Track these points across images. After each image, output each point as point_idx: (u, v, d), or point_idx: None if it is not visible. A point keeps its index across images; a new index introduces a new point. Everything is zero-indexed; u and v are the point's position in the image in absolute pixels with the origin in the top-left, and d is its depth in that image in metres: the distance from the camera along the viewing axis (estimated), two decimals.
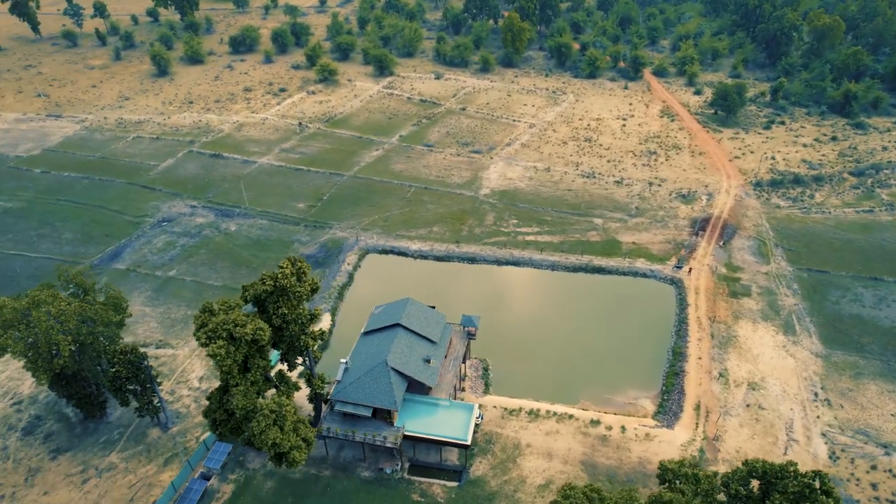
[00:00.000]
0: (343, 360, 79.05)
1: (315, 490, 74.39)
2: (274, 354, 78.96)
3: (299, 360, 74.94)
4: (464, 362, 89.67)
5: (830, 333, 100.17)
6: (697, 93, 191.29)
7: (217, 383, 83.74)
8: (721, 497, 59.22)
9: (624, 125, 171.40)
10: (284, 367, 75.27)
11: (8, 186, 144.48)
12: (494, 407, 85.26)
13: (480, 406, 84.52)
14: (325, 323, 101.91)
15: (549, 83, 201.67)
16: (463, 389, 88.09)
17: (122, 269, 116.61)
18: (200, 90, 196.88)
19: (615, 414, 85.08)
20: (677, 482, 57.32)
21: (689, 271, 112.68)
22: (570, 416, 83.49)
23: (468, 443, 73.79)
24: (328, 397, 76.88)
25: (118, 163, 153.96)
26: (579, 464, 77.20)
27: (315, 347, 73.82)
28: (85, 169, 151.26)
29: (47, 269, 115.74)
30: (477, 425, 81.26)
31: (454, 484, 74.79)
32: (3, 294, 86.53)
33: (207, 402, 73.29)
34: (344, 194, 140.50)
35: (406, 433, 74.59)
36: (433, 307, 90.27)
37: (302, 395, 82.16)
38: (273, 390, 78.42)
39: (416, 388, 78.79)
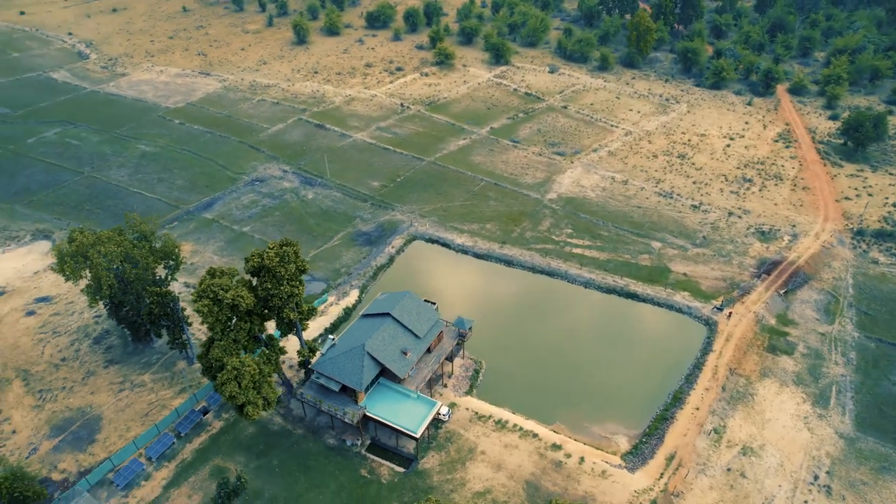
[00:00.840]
0: (331, 337, 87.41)
1: (284, 444, 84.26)
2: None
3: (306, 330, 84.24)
4: (451, 360, 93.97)
5: (871, 416, 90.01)
6: (834, 118, 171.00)
7: None
8: None
9: (728, 145, 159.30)
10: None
11: (151, 133, 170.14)
12: (467, 409, 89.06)
13: (453, 405, 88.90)
14: (351, 298, 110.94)
15: (665, 89, 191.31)
16: (445, 386, 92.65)
17: (209, 219, 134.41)
18: (328, 61, 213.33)
19: (583, 443, 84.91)
20: None
21: (729, 315, 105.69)
22: (535, 435, 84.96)
23: (417, 436, 78.87)
24: (310, 366, 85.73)
25: (238, 122, 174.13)
26: (523, 482, 79.14)
27: (298, 321, 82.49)
28: (211, 124, 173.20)
29: (156, 208, 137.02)
30: (442, 422, 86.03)
31: (402, 470, 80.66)
32: (112, 224, 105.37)
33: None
34: (417, 178, 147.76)
35: (367, 413, 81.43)
36: (433, 303, 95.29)
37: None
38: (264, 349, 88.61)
39: (390, 375, 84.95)
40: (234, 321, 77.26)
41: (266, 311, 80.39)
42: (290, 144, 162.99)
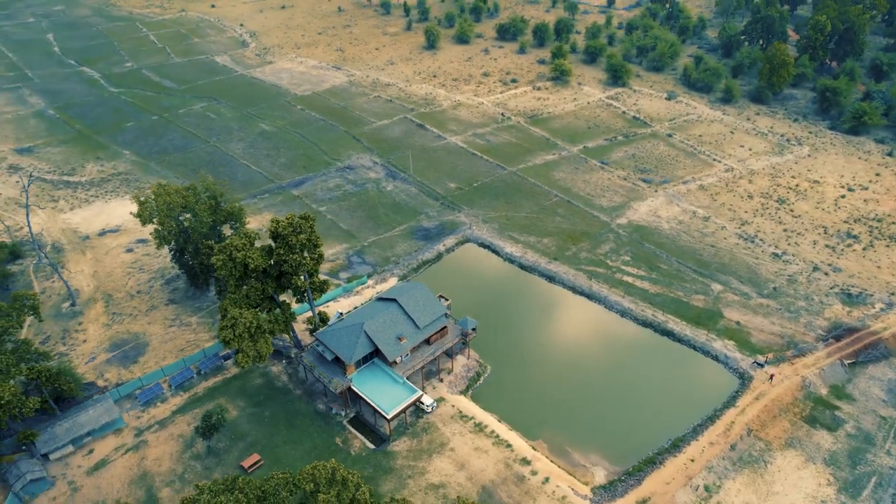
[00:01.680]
0: (340, 311, 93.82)
1: (281, 399, 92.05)
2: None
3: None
4: (450, 356, 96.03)
5: None
6: None
7: None
8: None
9: (843, 196, 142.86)
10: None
11: (274, 114, 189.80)
12: (453, 406, 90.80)
13: (441, 400, 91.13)
14: (388, 285, 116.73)
15: (790, 129, 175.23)
16: (441, 380, 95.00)
17: (295, 195, 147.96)
18: (449, 67, 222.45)
19: (557, 465, 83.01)
20: None
21: (771, 377, 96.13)
22: (508, 445, 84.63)
23: (388, 416, 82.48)
24: (313, 334, 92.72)
25: (350, 114, 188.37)
26: (480, 486, 79.48)
27: (308, 289, 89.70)
28: (326, 113, 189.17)
29: (255, 180, 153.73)
30: (425, 413, 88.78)
31: (372, 447, 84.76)
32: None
33: None
34: (493, 186, 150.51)
35: (351, 387, 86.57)
36: (447, 299, 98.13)
37: None
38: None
39: (384, 357, 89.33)
40: (249, 280, 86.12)
41: (281, 276, 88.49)
42: (387, 139, 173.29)
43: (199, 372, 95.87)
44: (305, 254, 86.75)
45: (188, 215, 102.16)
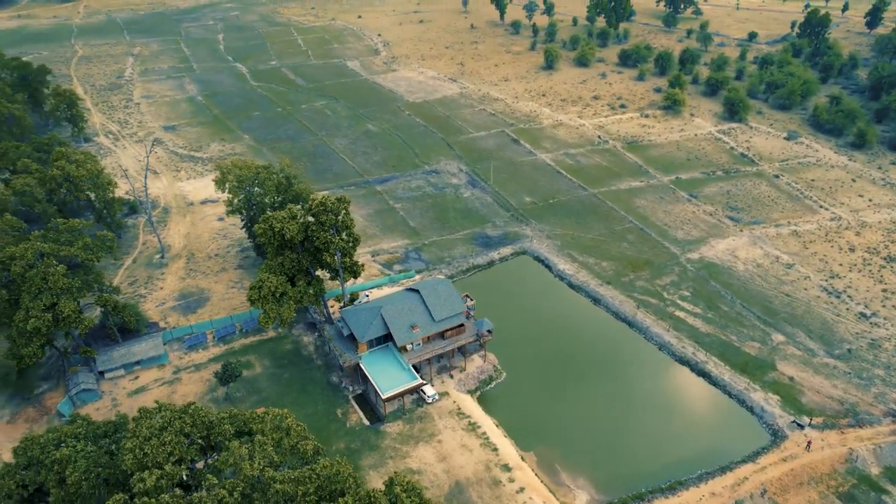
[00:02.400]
0: (367, 293, 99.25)
1: (301, 366, 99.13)
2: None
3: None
4: (463, 355, 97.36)
5: None
6: None
7: None
8: None
9: None
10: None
11: (383, 117, 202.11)
12: (454, 402, 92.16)
13: (445, 394, 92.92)
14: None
15: None
16: (451, 376, 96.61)
17: (377, 191, 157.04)
18: (561, 88, 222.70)
19: (538, 479, 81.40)
20: None
21: (808, 444, 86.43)
22: (495, 449, 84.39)
23: (383, 396, 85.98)
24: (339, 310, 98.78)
25: (451, 123, 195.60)
26: (454, 481, 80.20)
27: (340, 268, 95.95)
28: (430, 120, 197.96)
29: (346, 173, 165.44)
30: (426, 403, 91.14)
31: (366, 423, 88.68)
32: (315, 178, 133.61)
33: None
34: (568, 204, 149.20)
35: (360, 364, 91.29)
36: (471, 299, 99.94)
37: None
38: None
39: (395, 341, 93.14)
40: (286, 251, 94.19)
41: (316, 252, 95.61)
42: (479, 149, 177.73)
43: (242, 330, 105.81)
44: (339, 234, 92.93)
45: (258, 189, 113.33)
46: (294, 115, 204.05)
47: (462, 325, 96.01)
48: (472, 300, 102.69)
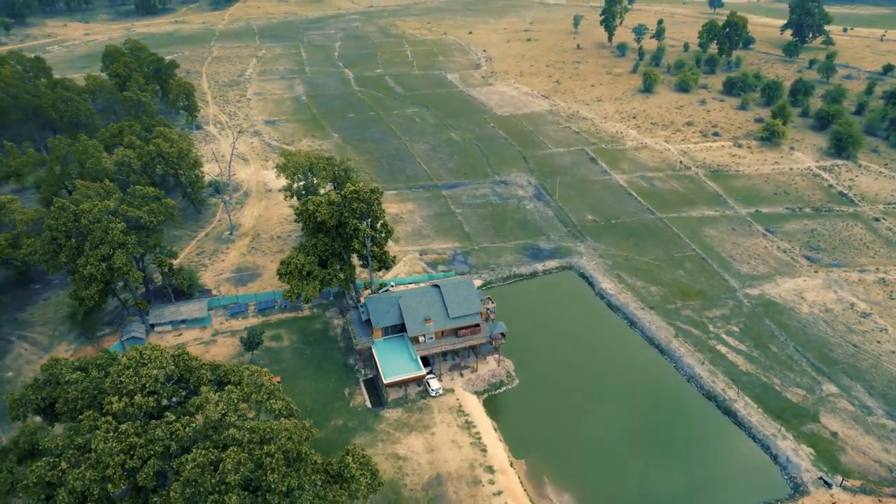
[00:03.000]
0: (392, 283, 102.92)
1: (324, 345, 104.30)
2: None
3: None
4: (476, 355, 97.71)
5: None
6: None
7: None
8: None
9: None
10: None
11: (467, 127, 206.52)
12: (457, 399, 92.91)
13: (450, 391, 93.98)
14: (476, 282, 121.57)
15: None
16: (461, 375, 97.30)
17: (442, 195, 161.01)
18: (654, 112, 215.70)
19: (523, 488, 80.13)
20: None
21: (831, 500, 78.33)
22: (483, 450, 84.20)
23: (385, 381, 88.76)
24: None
25: (532, 138, 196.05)
26: (435, 473, 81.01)
27: (369, 257, 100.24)
28: (512, 133, 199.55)
29: (418, 174, 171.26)
30: (430, 395, 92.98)
31: (368, 406, 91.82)
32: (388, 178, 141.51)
33: None
34: (630, 226, 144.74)
35: (371, 348, 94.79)
36: (492, 301, 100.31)
37: None
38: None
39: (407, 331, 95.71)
40: (320, 234, 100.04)
41: (349, 238, 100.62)
42: (553, 165, 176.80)
43: (281, 305, 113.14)
44: (368, 224, 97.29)
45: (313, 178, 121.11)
46: (384, 119, 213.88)
47: (478, 325, 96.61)
48: (492, 303, 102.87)
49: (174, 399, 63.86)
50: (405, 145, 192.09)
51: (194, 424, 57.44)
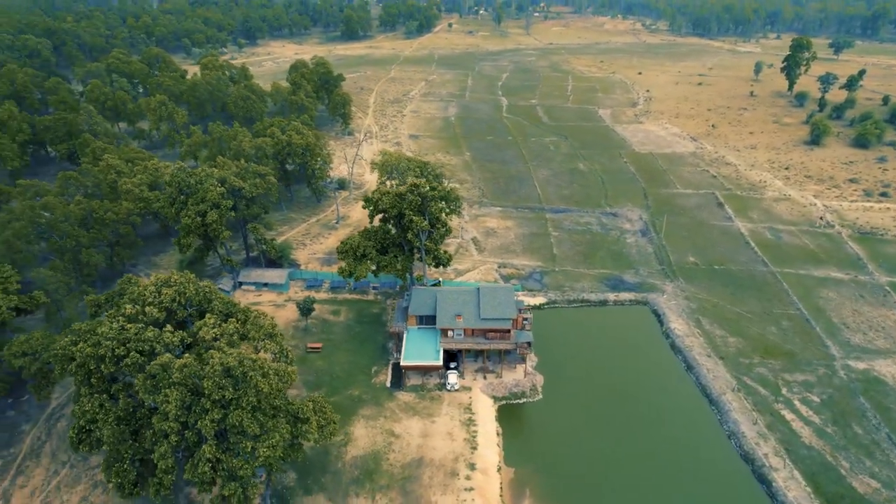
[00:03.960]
0: (440, 279, 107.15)
1: (374, 325, 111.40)
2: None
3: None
4: (500, 359, 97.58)
5: None
6: None
7: None
8: None
9: None
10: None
11: (597, 159, 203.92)
12: (470, 398, 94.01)
13: (468, 389, 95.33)
14: (529, 299, 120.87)
15: None
16: (485, 377, 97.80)
17: (545, 218, 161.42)
18: (813, 165, 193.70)
19: (499, 493, 78.90)
20: None
21: None
22: (474, 448, 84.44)
23: (402, 363, 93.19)
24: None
25: (663, 177, 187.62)
26: (419, 457, 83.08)
27: (423, 251, 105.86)
28: (642, 170, 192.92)
29: (529, 197, 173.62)
30: (445, 389, 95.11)
31: (387, 386, 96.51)
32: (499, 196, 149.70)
33: None
34: (734, 275, 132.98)
35: (403, 333, 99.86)
36: (528, 308, 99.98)
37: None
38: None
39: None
40: (383, 223, 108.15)
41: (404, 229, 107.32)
42: (672, 204, 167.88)
43: (352, 287, 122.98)
44: (426, 218, 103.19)
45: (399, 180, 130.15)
46: (520, 144, 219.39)
47: (508, 330, 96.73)
48: (529, 314, 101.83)
49: (189, 318, 75.04)
50: (529, 169, 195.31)
51: (181, 336, 67.38)
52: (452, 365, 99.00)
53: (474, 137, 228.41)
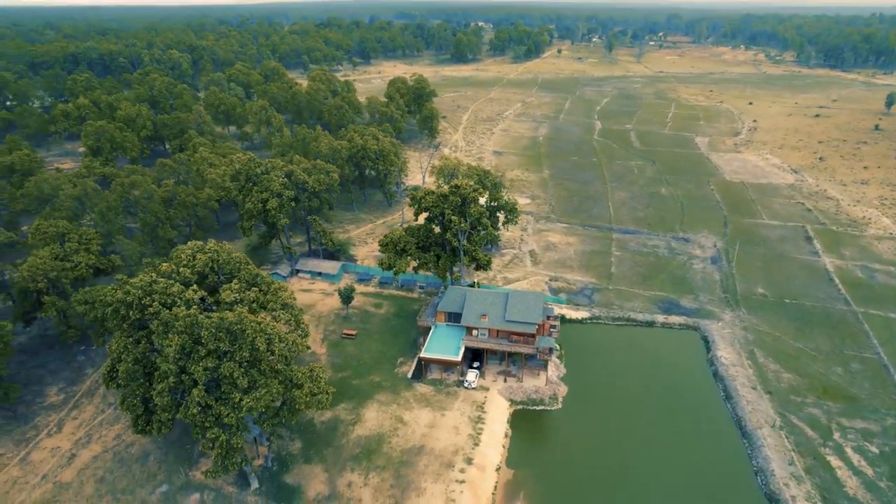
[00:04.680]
0: (474, 280, 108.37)
1: (409, 321, 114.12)
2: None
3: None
4: (523, 364, 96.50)
5: None
6: None
7: None
8: None
9: None
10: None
11: (682, 185, 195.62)
12: (485, 397, 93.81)
13: (485, 389, 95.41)
14: (571, 313, 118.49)
15: None
16: (505, 381, 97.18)
17: (612, 238, 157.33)
18: None
19: (491, 492, 78.15)
20: None
21: None
22: (476, 444, 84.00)
23: (421, 355, 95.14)
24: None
25: (750, 206, 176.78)
26: (421, 445, 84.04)
27: (461, 250, 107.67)
28: (728, 198, 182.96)
29: (599, 217, 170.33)
30: (463, 385, 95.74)
31: (408, 377, 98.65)
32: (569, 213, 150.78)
33: None
34: (806, 310, 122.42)
35: (430, 328, 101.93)
36: (556, 317, 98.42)
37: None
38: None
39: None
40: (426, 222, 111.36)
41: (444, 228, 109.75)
42: (754, 234, 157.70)
43: (399, 284, 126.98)
44: (467, 221, 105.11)
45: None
46: (603, 166, 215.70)
47: (532, 335, 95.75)
48: (557, 322, 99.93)
49: (219, 283, 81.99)
50: (607, 190, 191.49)
51: (200, 294, 73.83)
52: (475, 364, 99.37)
53: (558, 157, 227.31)
